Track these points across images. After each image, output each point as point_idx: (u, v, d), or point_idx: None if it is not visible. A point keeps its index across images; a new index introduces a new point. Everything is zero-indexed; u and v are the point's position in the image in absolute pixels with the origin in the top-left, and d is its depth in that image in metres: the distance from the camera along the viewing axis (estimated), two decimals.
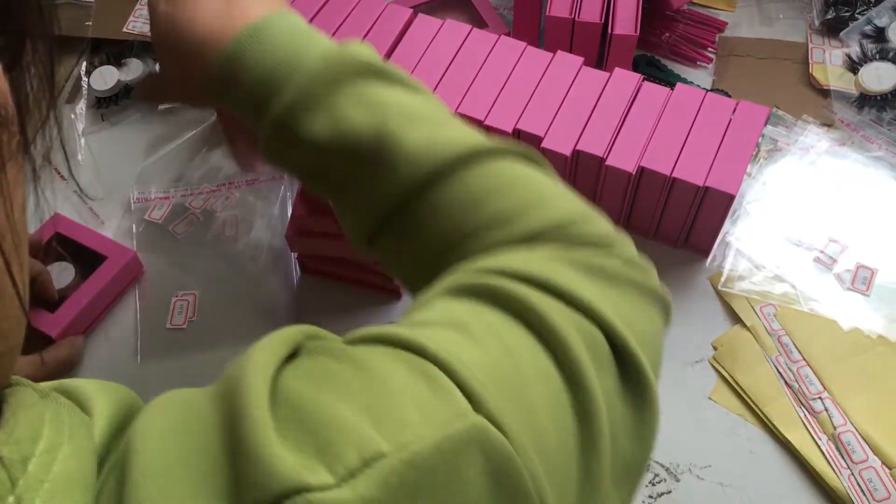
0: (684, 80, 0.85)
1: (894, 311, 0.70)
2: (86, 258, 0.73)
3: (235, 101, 0.49)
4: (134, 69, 0.86)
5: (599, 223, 0.47)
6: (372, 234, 0.48)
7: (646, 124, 0.72)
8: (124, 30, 0.89)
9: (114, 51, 0.88)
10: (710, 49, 0.88)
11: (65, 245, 0.73)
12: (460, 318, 0.37)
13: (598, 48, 0.82)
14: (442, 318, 0.38)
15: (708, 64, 0.87)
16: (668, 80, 0.85)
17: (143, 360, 0.71)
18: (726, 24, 0.90)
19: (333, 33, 0.78)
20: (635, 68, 0.86)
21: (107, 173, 0.82)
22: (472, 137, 0.48)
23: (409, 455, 0.29)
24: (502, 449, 0.31)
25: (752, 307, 0.71)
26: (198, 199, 0.80)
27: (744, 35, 0.89)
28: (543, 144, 0.71)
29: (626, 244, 0.47)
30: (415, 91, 0.49)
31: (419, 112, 0.48)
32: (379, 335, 0.36)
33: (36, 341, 0.69)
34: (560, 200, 0.48)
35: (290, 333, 0.35)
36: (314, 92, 0.47)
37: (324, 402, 0.31)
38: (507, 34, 0.85)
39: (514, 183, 0.46)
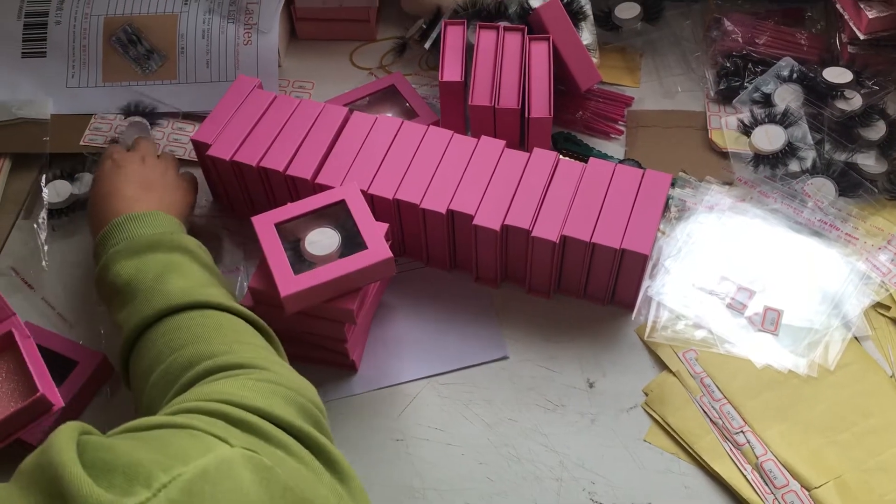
0: (600, 153, 0.94)
1: (800, 348, 0.77)
2: (57, 363, 0.77)
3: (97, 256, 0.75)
4: (86, 183, 0.92)
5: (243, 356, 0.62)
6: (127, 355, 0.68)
7: (564, 197, 0.80)
8: (81, 143, 0.95)
9: (67, 165, 0.94)
10: (620, 122, 0.97)
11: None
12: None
13: (518, 130, 0.90)
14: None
15: (619, 136, 0.96)
16: (585, 153, 0.94)
17: None
18: (633, 98, 0.99)
19: (278, 133, 0.85)
20: (555, 145, 0.95)
21: (69, 279, 0.87)
22: (208, 294, 0.68)
23: (197, 470, 0.43)
24: (262, 461, 0.46)
25: (676, 354, 0.78)
26: None
27: (649, 108, 0.99)
28: (475, 222, 0.78)
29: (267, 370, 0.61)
30: (205, 267, 0.73)
31: (191, 272, 0.71)
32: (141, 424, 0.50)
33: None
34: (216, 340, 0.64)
35: (71, 426, 0.45)
36: (137, 249, 0.71)
37: (123, 450, 0.43)
38: (437, 122, 0.94)
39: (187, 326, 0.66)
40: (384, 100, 0.99)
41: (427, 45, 1.00)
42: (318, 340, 0.77)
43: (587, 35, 1.01)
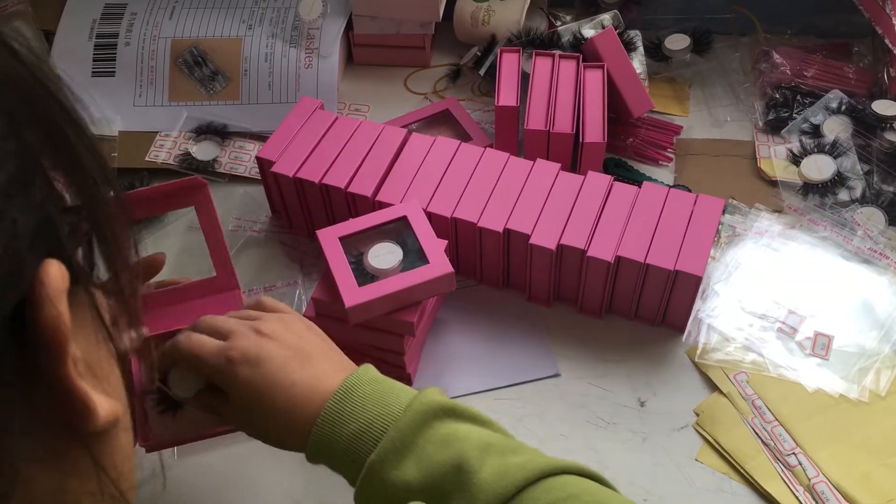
0: (650, 178, 0.96)
1: (851, 373, 0.78)
2: None
3: (331, 457, 0.58)
4: None
5: None
6: None
7: (619, 219, 0.81)
8: (146, 158, 0.99)
9: (128, 180, 0.97)
10: (669, 150, 0.99)
11: None
12: None
13: (571, 155, 0.92)
14: None
15: (669, 163, 0.98)
16: (635, 178, 0.96)
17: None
18: (682, 127, 1.01)
19: (339, 152, 0.88)
20: (605, 170, 0.97)
21: None
22: (536, 460, 0.56)
23: None
24: None
25: (727, 375, 0.79)
26: None
27: (698, 136, 1.01)
28: (531, 241, 0.80)
29: None
30: (482, 422, 0.59)
31: (489, 442, 0.56)
32: None
33: None
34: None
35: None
36: (404, 440, 0.56)
37: None
38: (491, 146, 0.96)
39: (577, 495, 0.54)
40: (438, 123, 1.01)
41: (482, 72, 1.04)
42: (377, 353, 0.79)
43: (637, 64, 1.04)
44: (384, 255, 0.75)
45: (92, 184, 0.36)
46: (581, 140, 0.90)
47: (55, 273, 0.33)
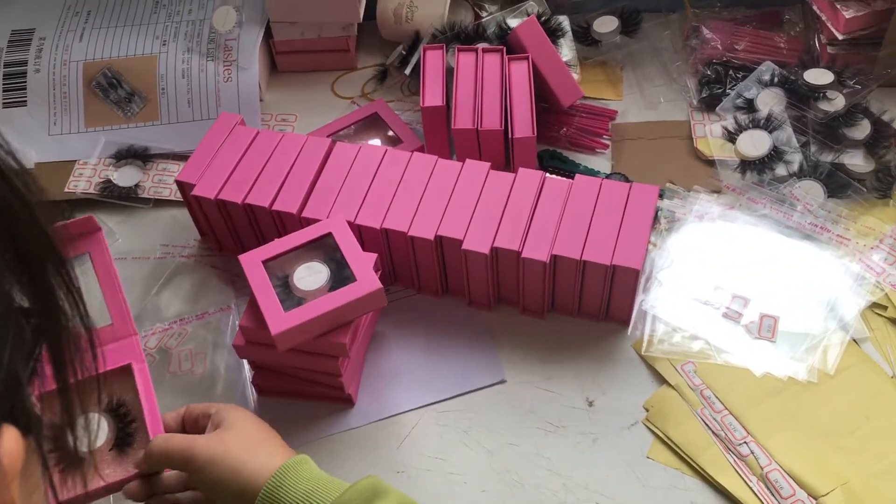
0: (586, 168, 0.93)
1: (799, 353, 0.77)
2: None
3: None
4: None
5: None
6: None
7: (552, 215, 0.79)
8: (66, 189, 0.95)
9: (48, 212, 0.93)
10: (605, 136, 0.97)
11: None
12: None
13: (503, 151, 0.90)
14: None
15: (605, 150, 0.96)
16: (572, 169, 0.93)
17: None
18: (616, 112, 0.99)
19: (262, 169, 0.85)
20: (540, 163, 0.94)
21: None
22: None
23: None
24: None
25: (674, 367, 0.77)
26: (152, 340, 0.84)
27: (633, 120, 0.99)
28: (464, 247, 0.78)
29: None
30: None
31: None
32: None
33: None
34: None
35: None
36: None
37: None
38: (421, 148, 0.94)
39: None
40: (368, 128, 0.98)
41: (407, 71, 1.00)
42: (313, 376, 0.76)
43: (567, 51, 1.01)
44: (310, 275, 0.73)
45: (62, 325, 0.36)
46: (511, 136, 0.87)
47: (11, 449, 0.32)
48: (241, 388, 0.80)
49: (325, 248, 0.75)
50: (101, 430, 0.63)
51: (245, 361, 0.80)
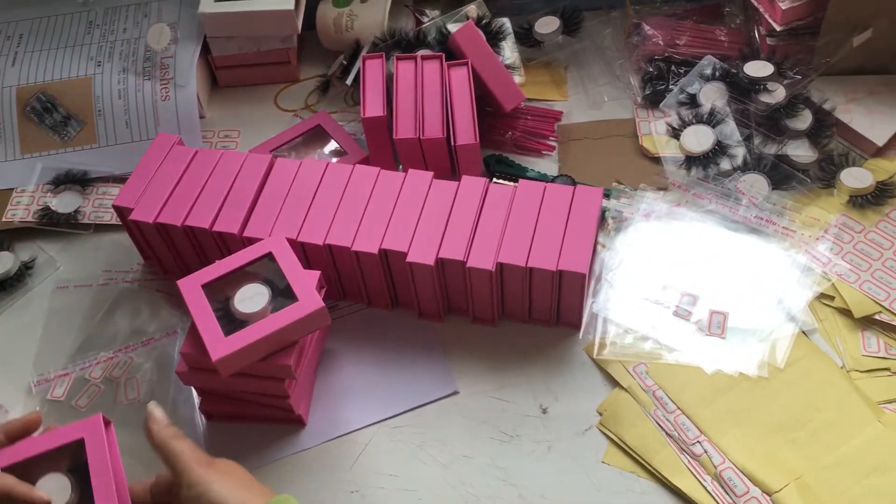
0: (533, 171, 0.93)
1: (748, 349, 0.77)
2: None
3: None
4: (4, 262, 0.89)
5: None
6: None
7: (497, 222, 0.78)
8: (3, 219, 0.93)
9: None
10: (551, 138, 0.97)
11: None
12: None
13: (448, 159, 0.89)
14: None
15: (552, 152, 0.95)
16: (518, 173, 0.92)
17: None
18: (562, 112, 0.99)
19: (202, 189, 0.83)
20: (487, 168, 0.94)
21: (2, 363, 0.84)
22: None
23: None
24: None
25: (626, 369, 0.77)
26: (97, 370, 0.82)
27: (578, 120, 0.98)
28: (409, 259, 0.76)
29: None
30: None
31: None
32: None
33: None
34: None
35: None
36: None
37: None
38: (366, 158, 0.92)
39: None
40: (312, 140, 0.97)
41: (348, 82, 0.99)
42: (261, 399, 0.75)
43: (509, 53, 1.01)
44: (251, 297, 0.71)
45: None
46: (454, 143, 0.86)
47: None
48: (189, 414, 0.78)
49: (265, 268, 0.74)
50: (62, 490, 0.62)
51: (192, 387, 0.78)
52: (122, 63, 0.98)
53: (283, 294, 0.71)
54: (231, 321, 0.70)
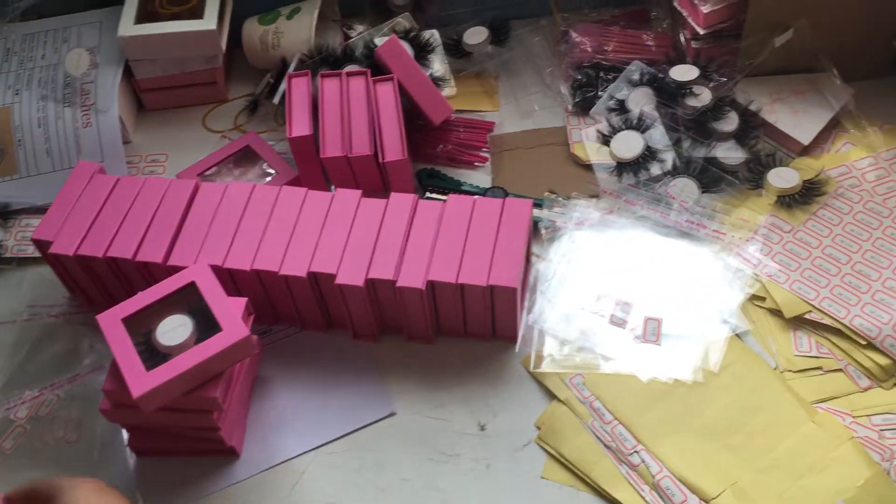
0: (466, 185, 0.92)
1: (683, 354, 0.76)
2: None
3: None
4: None
5: None
6: None
7: (427, 239, 0.77)
8: None
9: None
10: (484, 149, 0.96)
11: None
12: None
13: (378, 176, 0.88)
14: None
15: (484, 163, 0.95)
16: (452, 187, 0.92)
17: None
18: (494, 123, 0.98)
19: (124, 218, 0.81)
20: (420, 182, 0.93)
21: None
22: None
23: None
24: None
25: (563, 381, 0.76)
26: (22, 409, 0.79)
27: (511, 130, 0.98)
28: (338, 281, 0.75)
29: None
30: None
31: None
32: None
33: None
34: None
35: None
36: None
37: None
38: (296, 178, 0.91)
39: None
40: (242, 162, 0.95)
41: (276, 101, 0.97)
42: (190, 432, 0.73)
43: (439, 66, 1.00)
44: (173, 329, 0.69)
45: None
46: (382, 160, 0.85)
47: None
48: (119, 451, 0.76)
49: (189, 298, 0.72)
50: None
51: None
52: (42, 90, 0.96)
53: (207, 324, 0.69)
54: (154, 355, 0.68)
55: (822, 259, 0.80)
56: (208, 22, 0.97)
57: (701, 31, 0.92)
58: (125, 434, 0.76)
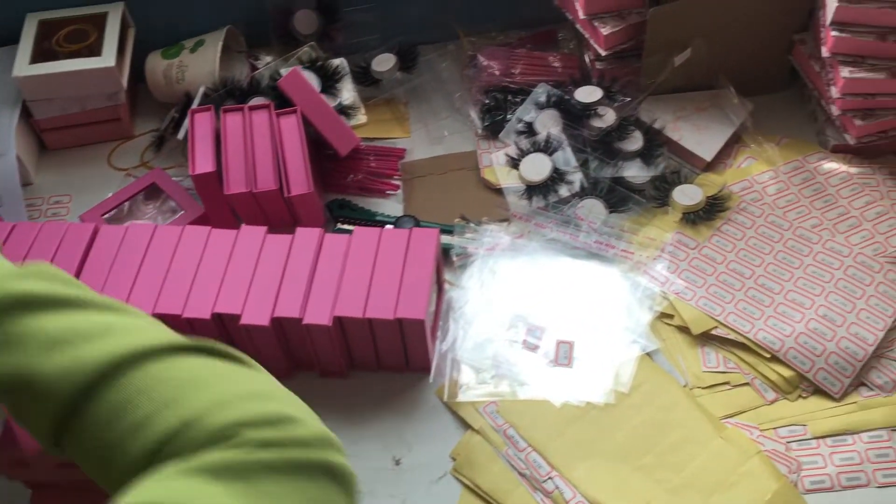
0: (377, 214, 0.91)
1: (595, 376, 0.77)
2: None
3: None
4: None
5: (256, 405, 0.47)
6: (53, 437, 0.48)
7: (333, 274, 0.76)
8: None
9: None
10: (395, 177, 0.95)
11: None
12: None
13: (286, 210, 0.87)
14: None
15: (396, 191, 0.94)
16: (364, 217, 0.91)
17: None
18: (405, 150, 0.98)
19: (23, 259, 0.78)
20: (331, 213, 0.92)
21: None
22: (132, 341, 0.47)
23: None
24: None
25: (477, 410, 0.76)
26: None
27: (422, 156, 0.97)
28: (242, 321, 0.74)
29: (289, 420, 0.47)
30: (76, 307, 0.49)
31: (72, 331, 0.48)
32: None
33: None
34: (208, 389, 0.47)
35: None
36: None
37: None
38: (203, 215, 0.89)
39: (154, 386, 0.46)
40: (148, 199, 0.93)
41: (180, 136, 0.95)
42: (93, 486, 0.70)
43: (347, 94, 0.99)
44: None
45: None
46: (287, 194, 0.84)
47: None
48: None
49: None
50: None
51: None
52: None
53: None
54: None
55: (726, 274, 0.82)
56: (107, 59, 0.94)
57: (603, 53, 0.93)
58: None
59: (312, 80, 0.96)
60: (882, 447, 0.71)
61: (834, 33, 0.81)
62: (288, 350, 0.78)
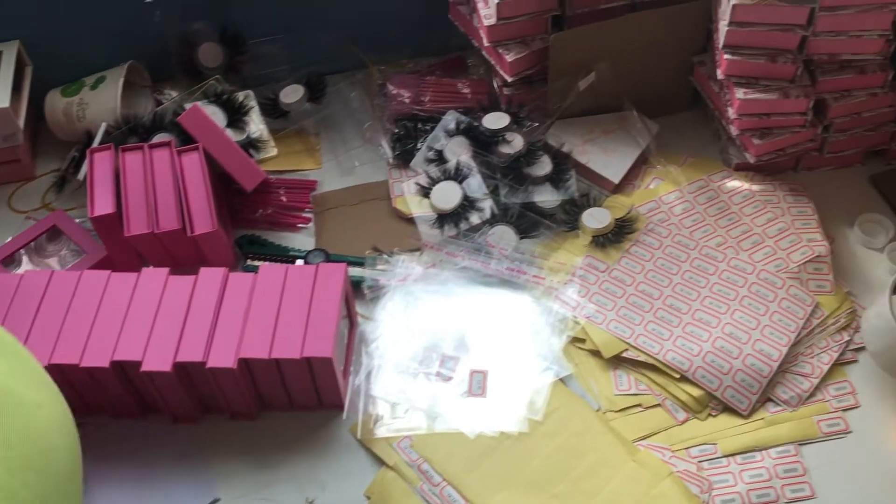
0: (287, 249, 0.89)
1: (509, 404, 0.76)
2: None
3: None
4: None
5: None
6: None
7: (238, 314, 0.75)
8: None
9: None
10: (307, 210, 0.94)
11: None
12: None
13: (192, 249, 0.84)
14: None
15: (307, 224, 0.93)
16: (274, 252, 0.89)
17: None
18: (316, 182, 0.96)
19: None
20: (241, 249, 0.90)
21: None
22: None
23: None
24: None
25: (391, 445, 0.75)
26: None
27: (333, 188, 0.96)
28: (143, 368, 0.71)
29: None
30: None
31: None
32: None
33: None
34: None
35: None
36: None
37: None
38: (106, 257, 0.86)
39: None
40: (50, 242, 0.90)
41: (80, 177, 0.93)
42: None
43: (256, 127, 0.98)
44: None
45: None
46: (191, 233, 0.82)
47: None
48: None
49: None
50: None
51: None
52: None
53: None
54: None
55: (635, 296, 0.82)
56: (0, 100, 0.91)
57: (509, 79, 0.93)
58: None
59: (218, 114, 0.94)
60: (790, 462, 0.72)
61: (727, 56, 0.83)
62: (195, 394, 0.76)
